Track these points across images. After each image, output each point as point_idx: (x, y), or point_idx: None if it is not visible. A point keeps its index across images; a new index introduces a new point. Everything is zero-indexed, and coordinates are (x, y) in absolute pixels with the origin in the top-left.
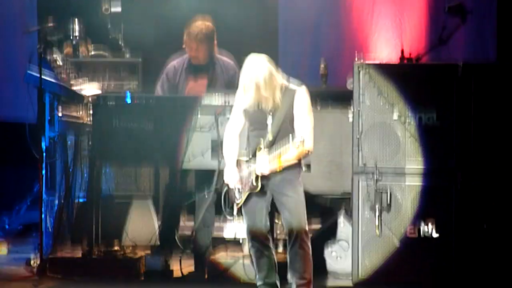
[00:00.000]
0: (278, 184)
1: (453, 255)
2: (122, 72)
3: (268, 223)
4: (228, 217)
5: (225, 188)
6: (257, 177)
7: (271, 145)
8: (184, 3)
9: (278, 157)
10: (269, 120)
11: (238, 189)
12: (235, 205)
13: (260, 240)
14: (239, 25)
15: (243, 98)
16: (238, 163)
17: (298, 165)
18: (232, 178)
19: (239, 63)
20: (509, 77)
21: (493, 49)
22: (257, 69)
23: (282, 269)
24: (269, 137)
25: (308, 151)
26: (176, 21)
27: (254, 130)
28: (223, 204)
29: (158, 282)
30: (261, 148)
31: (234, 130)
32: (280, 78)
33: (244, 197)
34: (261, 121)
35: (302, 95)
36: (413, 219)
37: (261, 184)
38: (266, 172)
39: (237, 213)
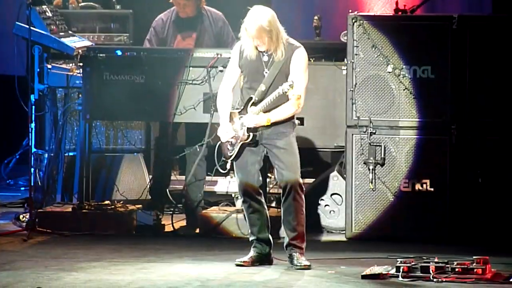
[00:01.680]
0: (270, 137)
1: (447, 209)
2: (113, 24)
3: (261, 178)
4: (221, 171)
5: (218, 142)
6: (248, 128)
7: (263, 96)
8: None
9: (266, 110)
10: (265, 72)
11: (231, 142)
12: (228, 158)
13: (252, 195)
14: None
15: (244, 45)
16: (231, 116)
17: (291, 118)
18: (225, 132)
19: (231, 19)
20: (504, 29)
21: (488, 2)
22: (261, 12)
23: (274, 224)
24: (262, 87)
25: (298, 105)
26: None
27: (248, 82)
28: (215, 158)
29: (149, 237)
30: (251, 98)
31: (228, 84)
32: (283, 32)
33: (236, 150)
34: (256, 72)
35: (301, 51)
36: (407, 173)
37: (252, 135)
38: (251, 125)
39: (230, 167)
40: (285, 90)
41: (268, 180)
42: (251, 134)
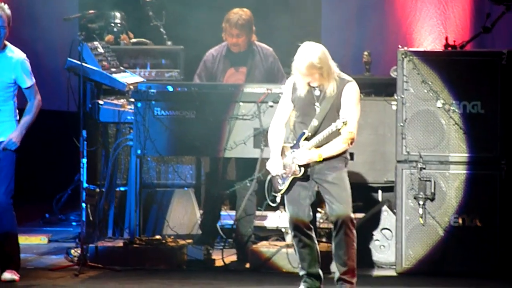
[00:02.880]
0: (322, 171)
1: (498, 244)
2: (164, 59)
3: (311, 213)
4: (271, 205)
5: (269, 176)
6: (299, 165)
7: (315, 130)
8: None
9: (318, 145)
10: (317, 106)
11: (282, 176)
12: (278, 192)
13: (302, 230)
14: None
15: (296, 81)
16: (283, 150)
17: (343, 152)
18: (276, 166)
19: (282, 57)
20: None
21: None
22: (311, 49)
23: (324, 259)
24: (314, 122)
25: (351, 142)
26: (216, 10)
27: (300, 117)
28: (266, 192)
29: (200, 272)
30: (304, 133)
31: (280, 119)
32: (335, 67)
33: (287, 184)
34: (309, 107)
35: (352, 85)
36: (457, 208)
37: (304, 170)
38: (304, 160)
39: (280, 201)
40: (338, 127)
41: (318, 215)
42: (302, 169)
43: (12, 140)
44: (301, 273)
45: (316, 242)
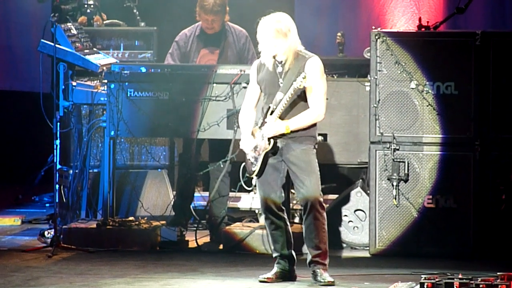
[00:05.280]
0: (290, 151)
1: (471, 225)
2: (137, 41)
3: (283, 194)
4: (246, 188)
5: (243, 163)
6: (268, 138)
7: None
8: None
9: (284, 113)
10: (281, 82)
11: (254, 157)
12: (252, 174)
13: (273, 211)
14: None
15: (261, 59)
16: (252, 133)
17: (312, 135)
18: (248, 144)
19: (253, 36)
20: None
21: (511, 18)
22: (279, 16)
23: (298, 240)
24: (279, 95)
25: (319, 115)
26: None
27: (266, 96)
28: (240, 176)
29: (173, 253)
30: (269, 108)
31: (249, 102)
32: (300, 44)
33: (260, 162)
34: (273, 86)
35: (315, 60)
36: (431, 189)
37: (273, 142)
38: (271, 133)
39: (255, 184)
40: (299, 84)
41: (291, 196)
42: (272, 141)
43: None
44: (274, 254)
45: (288, 223)
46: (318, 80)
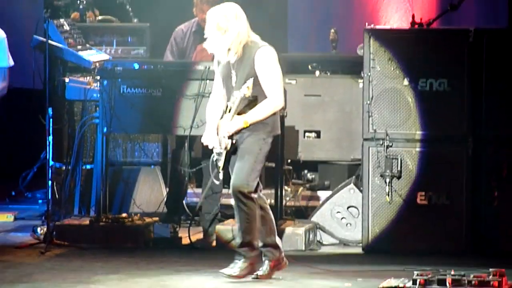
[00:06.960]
0: (240, 140)
1: (464, 222)
2: (130, 37)
3: None
4: (215, 181)
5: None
6: (229, 137)
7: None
8: None
9: (236, 113)
10: (233, 74)
11: (218, 153)
12: (218, 168)
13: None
14: None
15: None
16: (218, 127)
17: (266, 122)
18: (210, 139)
19: None
20: None
21: (504, 16)
22: (217, 9)
23: (289, 237)
24: (235, 94)
25: (276, 105)
26: None
27: (224, 88)
28: (210, 169)
29: (166, 250)
30: (227, 106)
31: (215, 94)
32: (250, 31)
33: (223, 158)
34: (227, 76)
35: (265, 49)
36: (424, 186)
37: (231, 142)
38: (231, 131)
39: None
40: (243, 94)
41: (284, 192)
42: (229, 141)
43: None
44: (260, 245)
45: (268, 212)
46: (269, 69)
